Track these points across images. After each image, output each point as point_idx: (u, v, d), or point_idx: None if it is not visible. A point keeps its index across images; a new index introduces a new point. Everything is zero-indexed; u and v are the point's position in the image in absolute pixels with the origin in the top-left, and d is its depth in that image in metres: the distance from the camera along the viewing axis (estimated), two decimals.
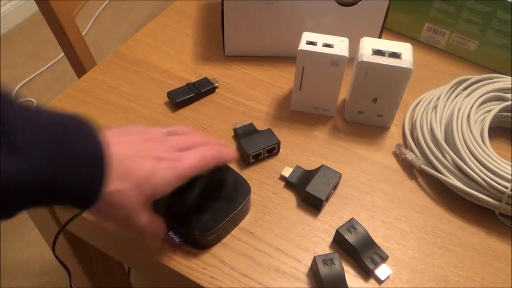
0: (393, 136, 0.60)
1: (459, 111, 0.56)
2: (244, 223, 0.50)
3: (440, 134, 0.55)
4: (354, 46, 0.59)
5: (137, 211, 0.39)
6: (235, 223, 0.49)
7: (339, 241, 0.48)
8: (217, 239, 0.48)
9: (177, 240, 0.46)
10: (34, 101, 1.65)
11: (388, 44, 0.55)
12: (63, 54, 1.08)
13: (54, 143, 0.33)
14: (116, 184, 0.37)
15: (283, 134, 0.59)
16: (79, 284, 0.78)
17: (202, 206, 0.47)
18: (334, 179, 0.52)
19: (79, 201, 0.36)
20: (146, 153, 0.40)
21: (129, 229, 0.41)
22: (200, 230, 0.46)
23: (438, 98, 0.60)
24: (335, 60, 0.55)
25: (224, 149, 0.46)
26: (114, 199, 0.37)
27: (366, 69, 0.54)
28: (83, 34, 1.19)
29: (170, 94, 0.61)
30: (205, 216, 0.46)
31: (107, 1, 2.11)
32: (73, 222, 0.43)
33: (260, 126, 0.59)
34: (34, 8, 1.98)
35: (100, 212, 0.38)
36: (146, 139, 0.42)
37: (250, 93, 0.64)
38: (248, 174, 0.54)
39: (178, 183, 0.41)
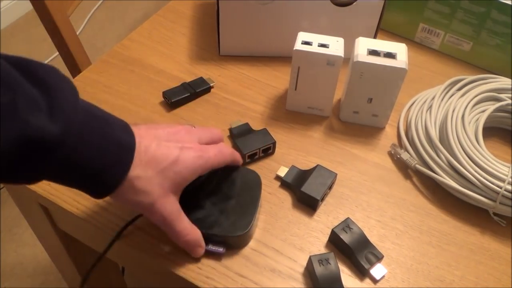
0: (388, 136, 0.60)
1: (453, 111, 0.56)
2: None
3: (434, 134, 0.55)
4: (349, 46, 0.59)
5: (161, 197, 0.41)
6: (258, 212, 0.49)
7: (334, 241, 0.48)
8: (252, 233, 0.48)
9: (221, 250, 0.46)
10: None
11: (383, 44, 0.56)
12: (57, 53, 1.07)
13: (87, 122, 0.36)
14: (140, 170, 0.39)
15: (278, 134, 0.59)
16: (73, 284, 0.78)
17: (223, 208, 0.47)
18: (330, 179, 0.52)
19: (98, 183, 0.38)
20: (172, 143, 0.42)
21: (159, 224, 0.42)
22: (240, 228, 0.45)
23: (433, 98, 0.60)
24: (331, 60, 0.55)
25: (235, 152, 0.49)
26: (136, 184, 0.39)
27: (361, 69, 0.54)
28: (77, 33, 1.18)
29: (166, 94, 0.61)
30: (233, 216, 0.46)
31: (101, 0, 2.11)
32: (68, 223, 0.43)
33: (256, 126, 0.59)
34: (28, 7, 1.97)
35: (123, 197, 0.40)
36: (172, 131, 0.44)
37: (245, 93, 0.64)
38: None
39: (202, 171, 0.43)
